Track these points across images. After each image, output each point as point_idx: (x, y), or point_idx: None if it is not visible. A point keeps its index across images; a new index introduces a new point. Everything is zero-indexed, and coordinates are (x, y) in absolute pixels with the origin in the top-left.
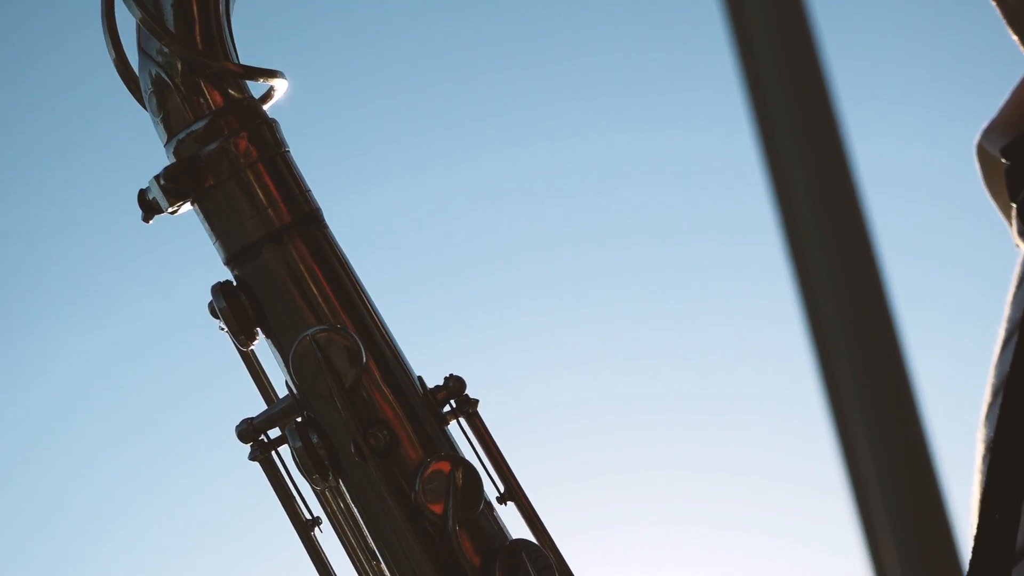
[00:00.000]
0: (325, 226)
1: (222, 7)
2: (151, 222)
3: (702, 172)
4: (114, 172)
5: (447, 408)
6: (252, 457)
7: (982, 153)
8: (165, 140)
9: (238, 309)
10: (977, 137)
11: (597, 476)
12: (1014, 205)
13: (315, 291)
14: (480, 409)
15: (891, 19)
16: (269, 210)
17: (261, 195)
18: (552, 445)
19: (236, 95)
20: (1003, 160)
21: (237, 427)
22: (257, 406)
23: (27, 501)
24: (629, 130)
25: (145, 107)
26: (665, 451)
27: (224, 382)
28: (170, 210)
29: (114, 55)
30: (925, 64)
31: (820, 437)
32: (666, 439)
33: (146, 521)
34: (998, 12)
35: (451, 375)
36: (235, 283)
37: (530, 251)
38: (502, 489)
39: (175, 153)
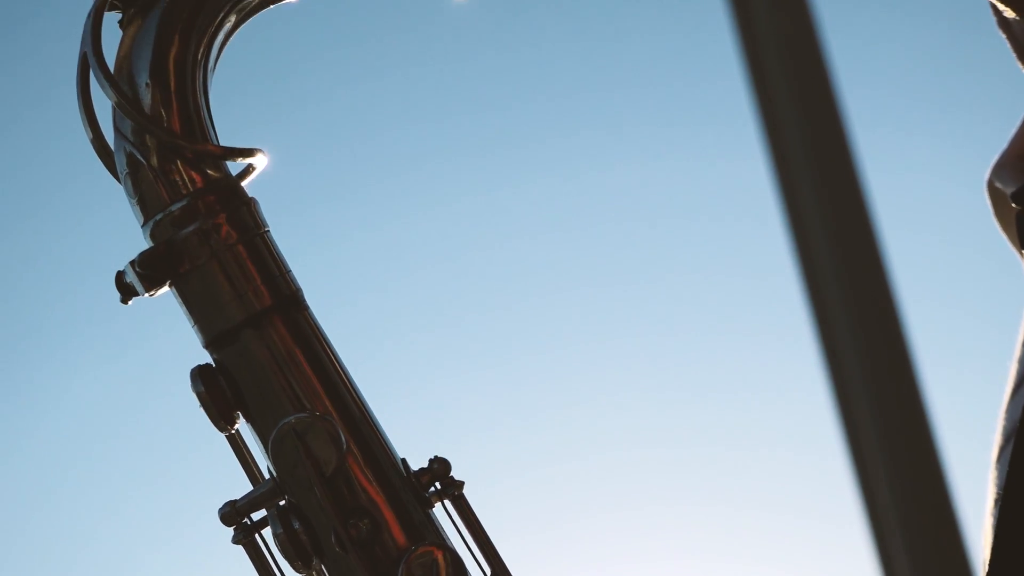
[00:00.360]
0: (306, 308)
1: (199, 85)
2: (130, 303)
3: (714, 204)
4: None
5: (432, 490)
6: (235, 540)
7: (992, 189)
8: (142, 222)
9: (217, 393)
10: (987, 173)
11: (590, 556)
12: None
13: (295, 376)
14: (467, 490)
15: (905, 49)
16: (248, 294)
17: (240, 278)
18: (542, 526)
19: (214, 174)
20: (1013, 205)
21: (220, 510)
22: (244, 485)
23: None
24: (639, 162)
25: (122, 185)
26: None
27: (209, 460)
28: (147, 294)
29: (91, 134)
30: (939, 94)
31: (836, 471)
32: (669, 508)
33: None
34: (1007, 44)
35: (436, 457)
36: (214, 365)
37: (521, 322)
38: (489, 573)
39: (151, 236)
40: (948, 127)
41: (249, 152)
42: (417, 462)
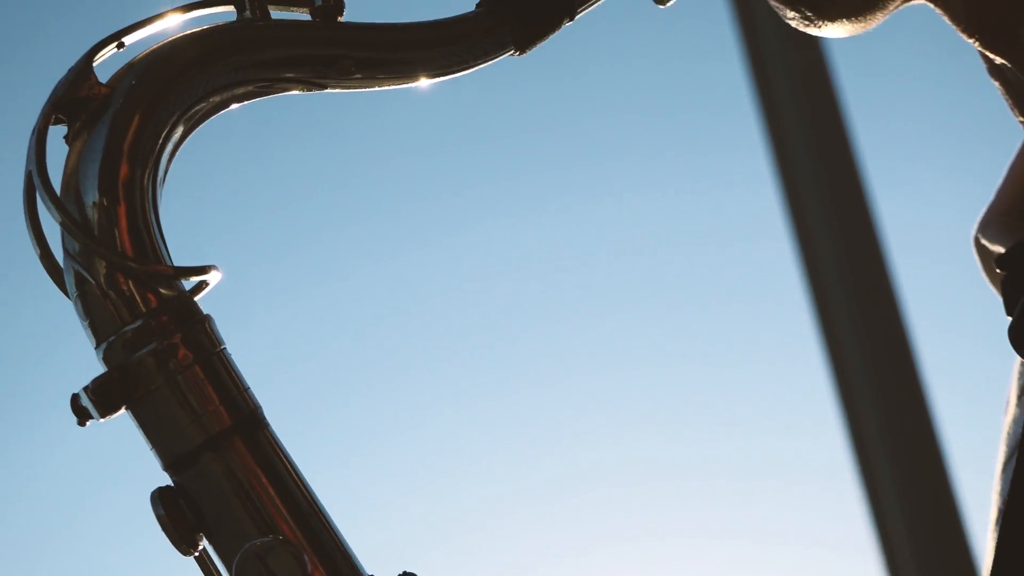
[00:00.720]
0: (266, 426)
1: (149, 201)
2: (87, 426)
3: (725, 236)
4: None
5: None
6: None
7: (979, 246)
8: (94, 344)
9: (178, 516)
10: (974, 228)
11: None
12: (1009, 319)
13: (258, 497)
14: None
15: (918, 81)
16: (207, 415)
17: (198, 400)
18: None
19: (167, 293)
20: (998, 270)
21: None
22: None
23: None
24: (646, 194)
25: (72, 305)
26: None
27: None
28: (102, 420)
29: (39, 250)
30: (952, 128)
31: (848, 503)
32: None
33: None
34: (1000, 91)
35: (405, 572)
36: (175, 487)
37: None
38: None
39: (104, 360)
40: (962, 160)
41: (202, 269)
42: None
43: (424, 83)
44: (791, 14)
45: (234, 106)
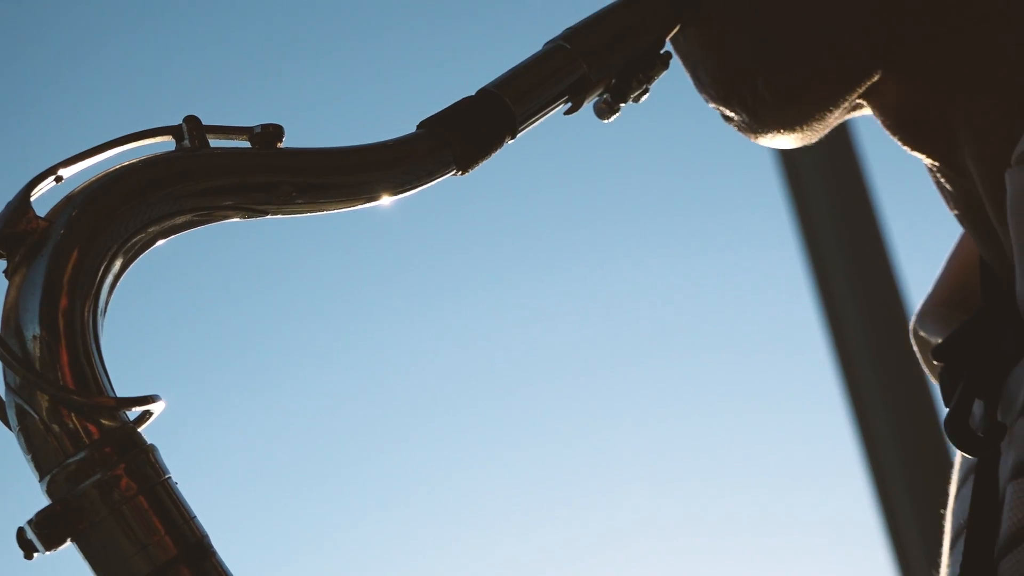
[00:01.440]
0: (213, 554)
1: (90, 333)
2: (33, 559)
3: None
4: None
5: None
6: None
7: (918, 337)
8: (38, 477)
9: None
10: (912, 321)
11: None
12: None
13: None
14: None
15: None
16: (152, 545)
17: (143, 530)
18: None
19: (110, 424)
20: (935, 362)
21: None
22: None
23: None
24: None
25: (15, 438)
26: None
27: None
28: (47, 552)
29: None
30: None
31: (873, 556)
32: None
33: None
34: (944, 201)
35: None
36: None
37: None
38: None
39: (48, 493)
40: None
41: (145, 399)
42: None
43: (369, 206)
44: (735, 119)
45: (174, 236)
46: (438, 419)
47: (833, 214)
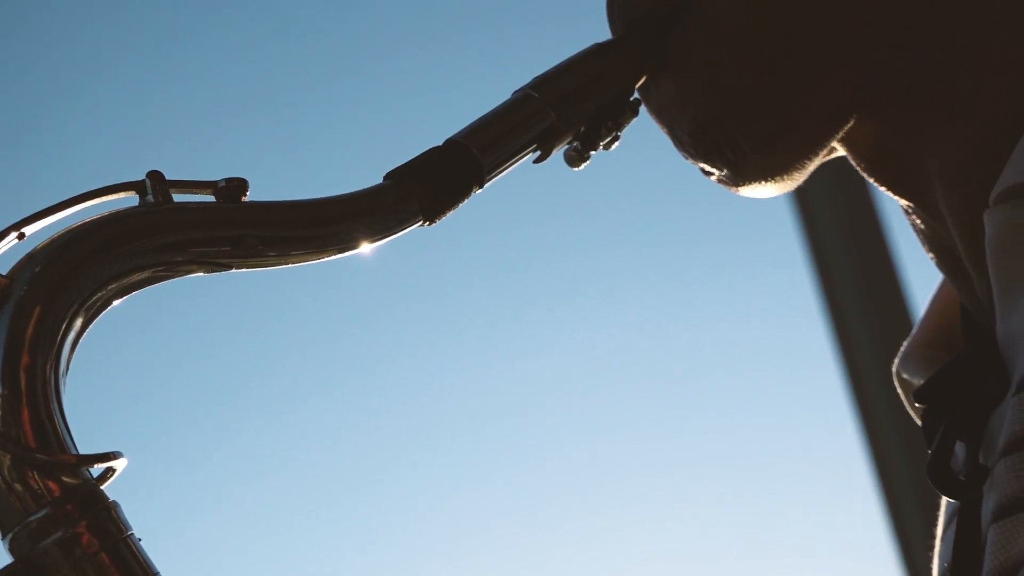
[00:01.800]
0: None
1: (52, 391)
2: None
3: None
4: None
5: None
6: None
7: (900, 379)
8: (0, 535)
9: None
10: (895, 363)
11: None
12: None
13: None
14: None
15: None
16: None
17: None
18: None
19: (71, 481)
20: (916, 404)
21: None
22: None
23: None
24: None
25: None
26: None
27: None
28: None
29: None
30: None
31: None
32: None
33: None
34: (920, 243)
35: None
36: None
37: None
38: None
39: (10, 550)
40: None
41: (107, 456)
42: None
43: (337, 257)
44: (716, 174)
45: (135, 292)
46: (433, 451)
47: (843, 237)
